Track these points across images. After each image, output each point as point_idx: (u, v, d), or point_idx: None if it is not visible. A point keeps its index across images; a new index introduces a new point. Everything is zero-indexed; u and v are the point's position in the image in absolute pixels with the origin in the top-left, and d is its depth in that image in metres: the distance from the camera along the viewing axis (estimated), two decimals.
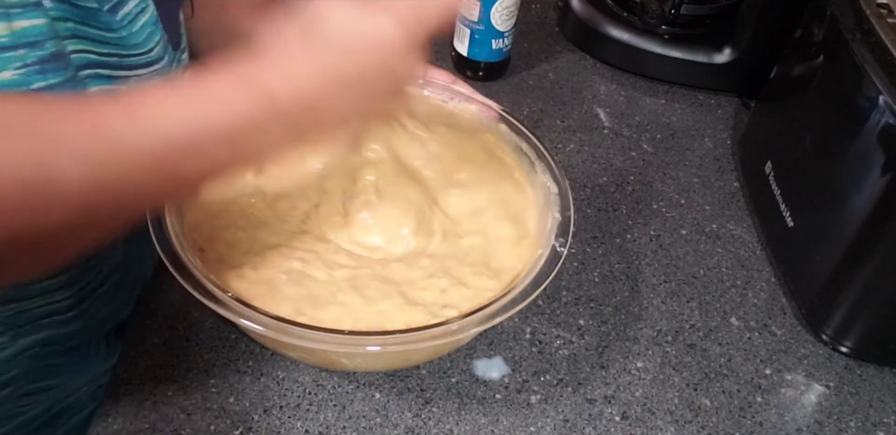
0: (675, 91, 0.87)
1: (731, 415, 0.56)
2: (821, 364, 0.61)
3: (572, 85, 0.86)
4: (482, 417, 0.54)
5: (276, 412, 0.53)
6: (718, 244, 0.69)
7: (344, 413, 0.54)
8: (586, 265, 0.66)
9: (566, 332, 0.60)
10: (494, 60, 0.83)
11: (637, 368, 0.59)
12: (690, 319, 0.63)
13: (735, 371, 0.59)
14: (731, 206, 0.73)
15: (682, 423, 0.56)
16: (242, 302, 0.45)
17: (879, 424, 0.57)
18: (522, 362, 0.58)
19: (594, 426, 0.55)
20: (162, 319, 0.58)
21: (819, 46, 0.63)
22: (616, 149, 0.78)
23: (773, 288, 0.66)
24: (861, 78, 0.54)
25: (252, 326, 0.44)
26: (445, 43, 0.86)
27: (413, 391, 0.55)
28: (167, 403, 0.53)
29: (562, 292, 0.63)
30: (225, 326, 0.57)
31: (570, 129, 0.80)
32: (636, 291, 0.64)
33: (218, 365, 0.55)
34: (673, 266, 0.67)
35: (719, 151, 0.79)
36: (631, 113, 0.83)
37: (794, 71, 0.68)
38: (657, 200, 0.73)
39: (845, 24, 0.58)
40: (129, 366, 0.54)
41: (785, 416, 0.57)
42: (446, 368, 0.57)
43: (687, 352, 0.60)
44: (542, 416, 0.55)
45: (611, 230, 0.69)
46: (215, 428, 0.52)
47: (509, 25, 0.80)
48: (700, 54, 0.84)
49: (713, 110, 0.85)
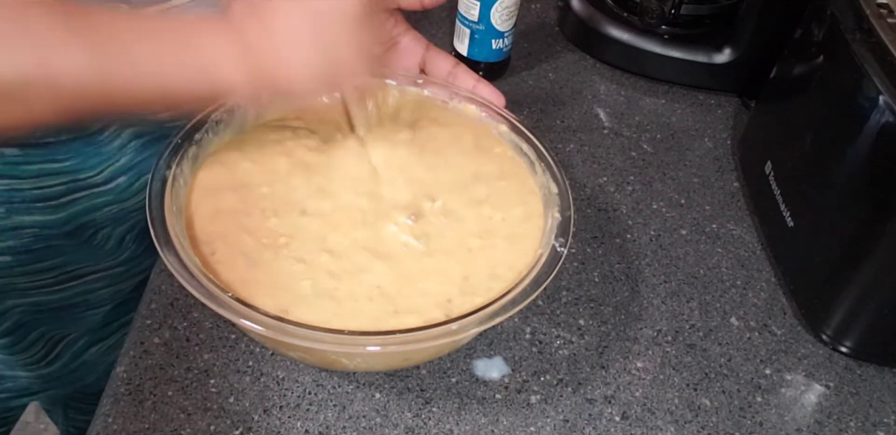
0: (675, 91, 0.87)
1: (731, 415, 0.56)
2: (821, 364, 0.61)
3: (572, 85, 0.86)
4: (482, 417, 0.54)
5: (276, 412, 0.53)
6: (718, 244, 0.69)
7: (344, 413, 0.54)
8: (586, 265, 0.66)
9: (566, 332, 0.60)
10: (494, 60, 0.83)
11: (637, 368, 0.59)
12: (690, 319, 0.63)
13: (735, 371, 0.59)
14: (731, 206, 0.73)
15: (682, 423, 0.56)
16: (242, 302, 0.45)
17: (879, 424, 0.57)
18: (522, 362, 0.58)
19: (594, 426, 0.55)
20: (162, 318, 0.58)
21: (819, 46, 0.63)
22: (616, 149, 0.78)
23: (773, 288, 0.66)
24: (861, 78, 0.54)
25: (252, 326, 0.44)
26: (445, 43, 0.86)
27: (413, 391, 0.55)
28: (167, 403, 0.53)
29: (562, 292, 0.63)
30: (225, 325, 0.57)
31: (570, 129, 0.80)
32: (636, 291, 0.64)
33: (218, 365, 0.55)
34: (673, 266, 0.67)
35: (719, 151, 0.79)
36: (631, 113, 0.83)
37: (794, 71, 0.68)
38: (657, 200, 0.73)
39: (845, 24, 0.58)
40: (129, 366, 0.54)
41: (785, 416, 0.57)
42: (446, 368, 0.57)
43: (687, 352, 0.60)
44: (542, 416, 0.55)
45: (611, 230, 0.69)
46: (215, 428, 0.52)
47: (509, 25, 0.80)
48: (700, 54, 0.84)
49: (713, 110, 0.85)
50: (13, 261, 0.59)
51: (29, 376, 0.70)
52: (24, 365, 0.69)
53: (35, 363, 0.69)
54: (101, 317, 0.72)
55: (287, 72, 0.46)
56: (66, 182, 0.57)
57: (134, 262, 0.69)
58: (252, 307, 0.44)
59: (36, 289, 0.63)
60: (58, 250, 0.61)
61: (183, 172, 0.51)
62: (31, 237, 0.58)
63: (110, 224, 0.63)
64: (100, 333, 0.75)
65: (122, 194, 0.62)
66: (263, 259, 0.49)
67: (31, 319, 0.65)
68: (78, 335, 0.72)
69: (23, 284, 0.62)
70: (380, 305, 0.48)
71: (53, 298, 0.65)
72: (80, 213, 0.60)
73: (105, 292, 0.69)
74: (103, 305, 0.71)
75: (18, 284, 0.62)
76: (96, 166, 0.58)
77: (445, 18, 0.91)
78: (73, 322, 0.70)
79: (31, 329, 0.66)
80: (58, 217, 0.58)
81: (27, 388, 0.72)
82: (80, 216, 0.60)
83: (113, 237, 0.64)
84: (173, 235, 0.47)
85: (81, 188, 0.58)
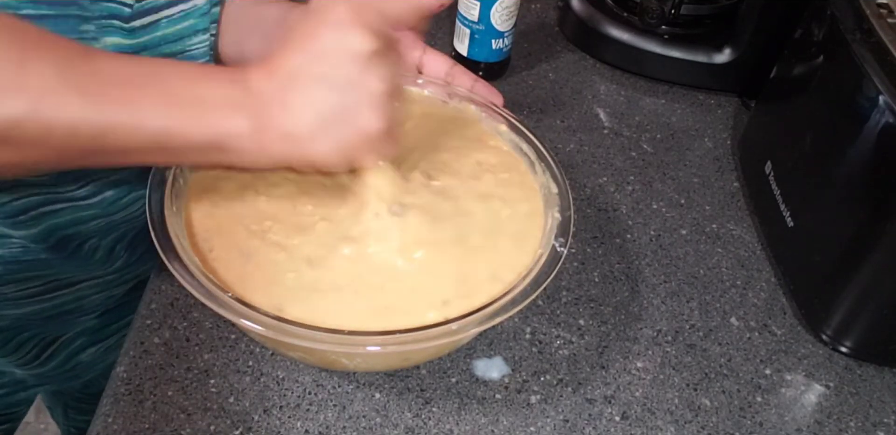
0: (675, 91, 0.87)
1: (731, 415, 0.56)
2: (821, 364, 0.61)
3: (572, 85, 0.86)
4: (482, 417, 0.54)
5: (276, 412, 0.53)
6: (718, 244, 0.69)
7: (344, 413, 0.54)
8: (586, 265, 0.66)
9: (566, 332, 0.60)
10: (494, 60, 0.83)
11: (637, 368, 0.59)
12: (690, 319, 0.63)
13: (735, 371, 0.59)
14: (731, 206, 0.73)
15: (682, 423, 0.56)
16: (242, 302, 0.45)
17: (879, 424, 0.57)
18: (522, 362, 0.58)
19: (594, 426, 0.55)
20: (162, 318, 0.58)
21: (819, 46, 0.63)
22: (616, 149, 0.78)
23: (773, 288, 0.66)
24: (861, 78, 0.54)
25: (252, 326, 0.44)
26: (445, 43, 0.86)
27: (413, 391, 0.55)
28: (167, 403, 0.53)
29: (562, 292, 0.63)
30: (225, 325, 0.57)
31: (570, 129, 0.80)
32: (636, 291, 0.64)
33: (218, 365, 0.55)
34: (673, 266, 0.67)
35: (719, 151, 0.79)
36: (631, 113, 0.83)
37: (794, 71, 0.68)
38: (657, 200, 0.73)
39: (845, 24, 0.58)
40: (129, 366, 0.54)
41: (785, 416, 0.57)
42: (446, 368, 0.57)
43: (687, 352, 0.60)
44: (542, 416, 0.55)
45: (611, 230, 0.69)
46: (215, 428, 0.52)
47: (509, 25, 0.80)
48: (700, 54, 0.84)
49: (713, 110, 0.85)
50: (2, 270, 0.59)
51: (23, 373, 0.70)
52: (17, 365, 0.69)
53: (28, 363, 0.69)
54: (96, 320, 0.72)
55: (293, 114, 0.43)
56: (42, 193, 0.56)
57: (126, 269, 0.68)
58: (252, 307, 0.44)
59: (27, 298, 0.63)
60: (45, 262, 0.60)
61: (182, 172, 0.51)
62: (20, 247, 0.58)
63: (97, 235, 0.62)
64: (98, 334, 0.74)
65: (110, 208, 0.61)
66: (253, 249, 0.49)
67: (22, 323, 0.65)
68: (73, 336, 0.72)
69: (13, 294, 0.61)
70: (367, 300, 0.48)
71: (45, 306, 0.64)
72: (63, 226, 0.58)
73: (98, 298, 0.69)
74: (96, 310, 0.71)
75: (9, 294, 0.61)
76: (74, 182, 0.57)
77: (445, 18, 0.91)
78: (67, 326, 0.70)
79: (21, 331, 0.66)
80: (38, 230, 0.57)
81: (23, 381, 0.72)
82: (62, 228, 0.58)
83: (101, 247, 0.63)
84: (173, 235, 0.46)
85: (60, 200, 0.57)
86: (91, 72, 0.40)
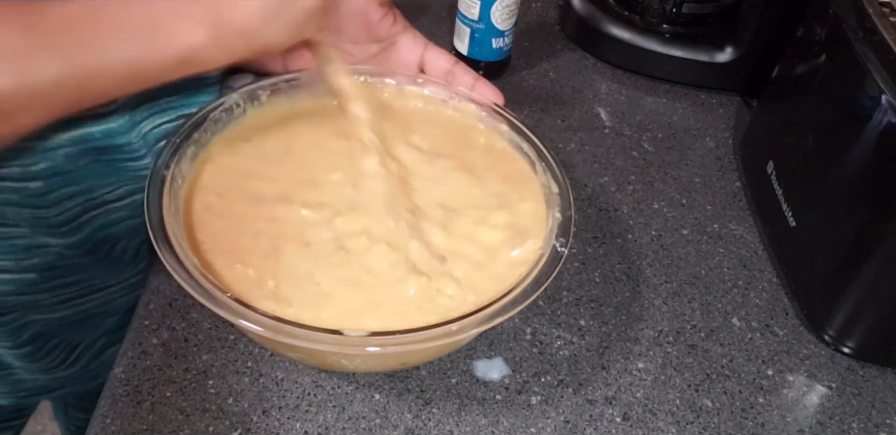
0: (677, 90, 0.86)
1: (733, 416, 0.56)
2: (823, 365, 0.61)
3: (573, 84, 0.85)
4: (482, 418, 0.54)
5: (275, 413, 0.53)
6: (720, 244, 0.69)
7: (343, 414, 0.53)
8: (587, 265, 0.66)
9: (567, 332, 0.60)
10: (494, 60, 0.83)
11: (638, 368, 0.58)
12: (692, 320, 0.62)
13: (737, 372, 0.59)
14: (733, 206, 0.73)
15: (684, 424, 0.55)
16: (242, 302, 0.44)
17: (882, 425, 0.57)
18: (523, 363, 0.58)
19: (595, 427, 0.54)
20: (160, 319, 0.57)
21: (821, 45, 0.63)
22: (617, 148, 0.78)
23: (775, 288, 0.66)
24: (863, 77, 0.54)
25: (251, 326, 0.43)
26: (445, 42, 0.85)
27: (413, 392, 0.55)
28: (165, 404, 0.53)
29: (562, 293, 0.63)
30: (224, 326, 0.57)
31: (571, 129, 0.79)
32: (637, 292, 0.64)
33: (216, 366, 0.55)
34: (674, 266, 0.67)
35: (721, 151, 0.79)
36: (632, 112, 0.83)
37: (796, 70, 0.68)
38: (658, 200, 0.73)
39: (847, 23, 0.57)
40: (127, 367, 0.54)
41: (787, 417, 0.57)
42: (446, 369, 0.56)
43: (688, 352, 0.60)
44: (543, 417, 0.55)
45: (612, 230, 0.69)
46: (214, 429, 0.52)
47: (509, 24, 0.80)
48: (702, 53, 0.84)
49: (715, 110, 0.85)
50: (38, 278, 0.59)
51: (47, 378, 0.70)
52: (44, 370, 0.68)
53: (55, 368, 0.69)
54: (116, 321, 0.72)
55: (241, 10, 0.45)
56: (82, 202, 0.57)
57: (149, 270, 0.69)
58: (251, 307, 0.44)
59: (59, 304, 0.63)
60: (80, 267, 0.61)
61: (182, 172, 0.51)
62: (56, 255, 0.58)
63: (127, 236, 0.63)
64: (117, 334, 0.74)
65: (138, 209, 0.61)
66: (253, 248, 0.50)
67: (52, 329, 0.65)
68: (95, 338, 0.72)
69: (46, 301, 0.62)
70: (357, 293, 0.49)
71: (75, 311, 0.65)
72: (98, 229, 0.59)
73: (123, 300, 0.69)
74: (119, 312, 0.71)
75: (43, 301, 0.61)
76: (109, 185, 0.58)
77: (445, 17, 0.91)
78: (93, 329, 0.70)
79: (52, 337, 0.66)
80: (78, 237, 0.58)
81: (45, 386, 0.72)
82: (98, 231, 0.59)
83: (130, 248, 0.64)
84: (171, 235, 0.46)
85: (96, 206, 0.58)
86: (42, 21, 0.40)
